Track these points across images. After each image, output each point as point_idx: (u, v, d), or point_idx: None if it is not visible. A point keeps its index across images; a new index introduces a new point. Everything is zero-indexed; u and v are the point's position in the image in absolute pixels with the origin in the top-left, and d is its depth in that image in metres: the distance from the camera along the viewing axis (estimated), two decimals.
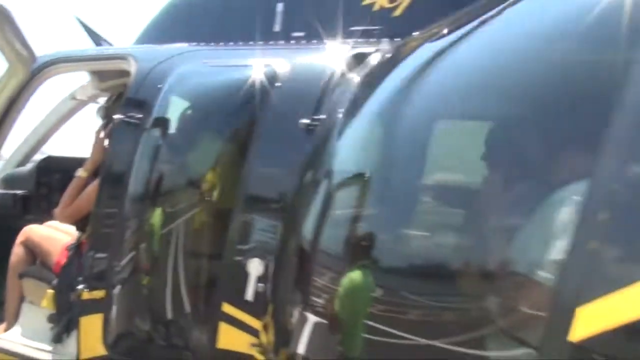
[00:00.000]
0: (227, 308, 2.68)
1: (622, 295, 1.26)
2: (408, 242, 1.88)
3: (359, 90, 2.37)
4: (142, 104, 2.96)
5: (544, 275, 1.46)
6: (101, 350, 3.12)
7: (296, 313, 2.16)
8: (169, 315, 2.85)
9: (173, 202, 2.79)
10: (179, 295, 2.79)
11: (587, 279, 1.33)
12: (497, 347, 1.56)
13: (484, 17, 2.04)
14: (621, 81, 1.41)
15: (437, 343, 1.65)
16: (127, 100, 3.04)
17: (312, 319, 2.10)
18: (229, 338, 2.68)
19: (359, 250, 1.96)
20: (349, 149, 2.21)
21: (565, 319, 1.30)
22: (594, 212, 1.36)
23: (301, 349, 2.14)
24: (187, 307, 2.80)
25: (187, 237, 2.76)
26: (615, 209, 1.34)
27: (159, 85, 2.93)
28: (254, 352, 2.57)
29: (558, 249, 1.43)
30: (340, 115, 2.33)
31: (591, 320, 1.27)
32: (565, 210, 1.45)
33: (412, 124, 2.02)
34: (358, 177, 2.07)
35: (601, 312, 1.27)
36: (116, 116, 3.01)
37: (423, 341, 1.70)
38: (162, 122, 2.87)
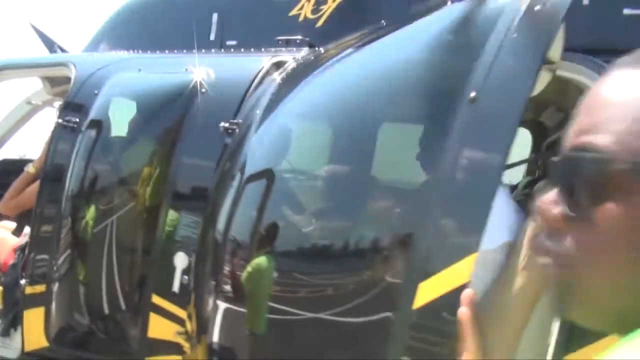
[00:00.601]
0: (156, 299, 2.87)
1: (446, 272, 1.57)
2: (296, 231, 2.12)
3: (271, 95, 2.57)
4: (79, 109, 3.14)
5: (399, 260, 1.74)
6: (44, 343, 3.28)
7: (212, 301, 2.36)
8: (106, 307, 3.03)
9: (107, 201, 2.97)
10: (114, 289, 2.97)
11: (426, 261, 1.62)
12: (366, 314, 1.86)
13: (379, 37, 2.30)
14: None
15: (324, 316, 1.93)
16: (66, 105, 3.22)
17: (224, 305, 2.30)
18: (158, 327, 2.86)
19: (263, 239, 2.19)
20: (258, 148, 2.41)
21: (412, 292, 1.65)
22: (428, 209, 1.63)
23: (216, 334, 2.34)
24: (122, 300, 2.98)
25: (120, 233, 2.94)
26: (445, 209, 1.61)
27: (95, 91, 3.11)
28: (180, 339, 2.76)
29: (407, 241, 1.71)
30: (255, 118, 2.53)
31: (428, 292, 1.61)
32: (406, 210, 1.73)
33: (308, 124, 2.25)
34: (260, 174, 2.29)
35: (434, 285, 1.62)
36: (55, 120, 3.19)
37: (311, 315, 1.96)
38: (97, 126, 3.04)
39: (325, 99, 2.13)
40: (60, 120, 3.16)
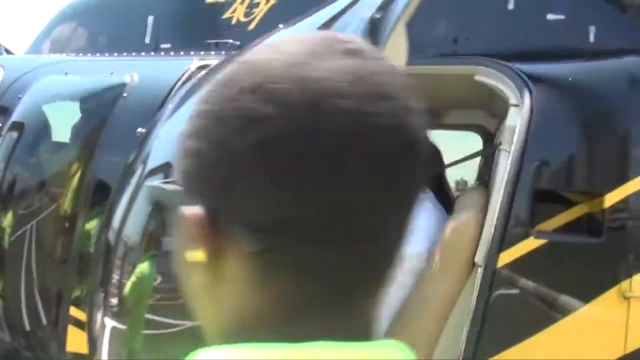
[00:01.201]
0: (74, 311, 2.76)
1: None
2: None
3: (178, 97, 2.49)
4: (4, 112, 3.05)
5: None
6: None
7: (99, 316, 2.23)
8: (26, 321, 2.92)
9: (25, 208, 2.87)
10: (32, 300, 2.86)
11: None
12: None
13: None
14: None
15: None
16: None
17: (110, 321, 2.19)
18: (76, 340, 2.75)
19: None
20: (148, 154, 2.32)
21: None
22: None
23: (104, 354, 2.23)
24: (41, 312, 2.87)
25: (38, 242, 2.84)
26: None
27: (19, 95, 3.02)
28: None
29: None
30: (156, 121, 2.45)
31: None
32: None
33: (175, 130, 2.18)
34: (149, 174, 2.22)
35: None
36: None
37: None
38: (18, 130, 2.95)
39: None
40: None
